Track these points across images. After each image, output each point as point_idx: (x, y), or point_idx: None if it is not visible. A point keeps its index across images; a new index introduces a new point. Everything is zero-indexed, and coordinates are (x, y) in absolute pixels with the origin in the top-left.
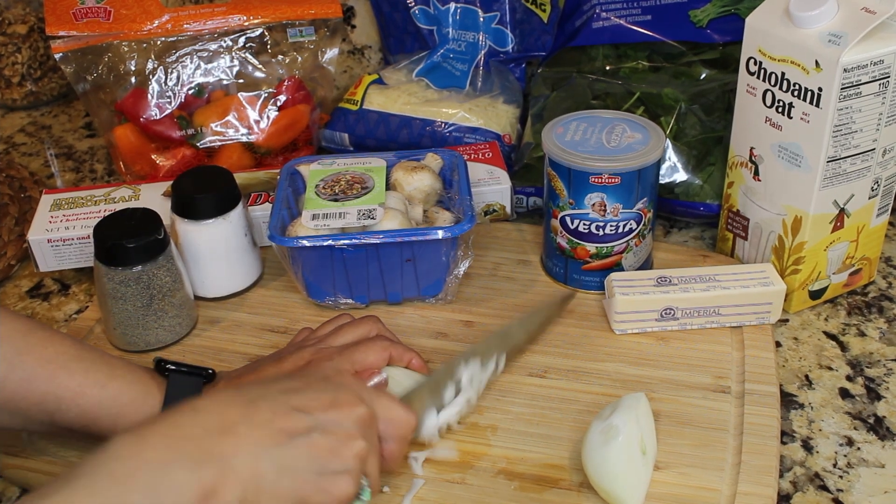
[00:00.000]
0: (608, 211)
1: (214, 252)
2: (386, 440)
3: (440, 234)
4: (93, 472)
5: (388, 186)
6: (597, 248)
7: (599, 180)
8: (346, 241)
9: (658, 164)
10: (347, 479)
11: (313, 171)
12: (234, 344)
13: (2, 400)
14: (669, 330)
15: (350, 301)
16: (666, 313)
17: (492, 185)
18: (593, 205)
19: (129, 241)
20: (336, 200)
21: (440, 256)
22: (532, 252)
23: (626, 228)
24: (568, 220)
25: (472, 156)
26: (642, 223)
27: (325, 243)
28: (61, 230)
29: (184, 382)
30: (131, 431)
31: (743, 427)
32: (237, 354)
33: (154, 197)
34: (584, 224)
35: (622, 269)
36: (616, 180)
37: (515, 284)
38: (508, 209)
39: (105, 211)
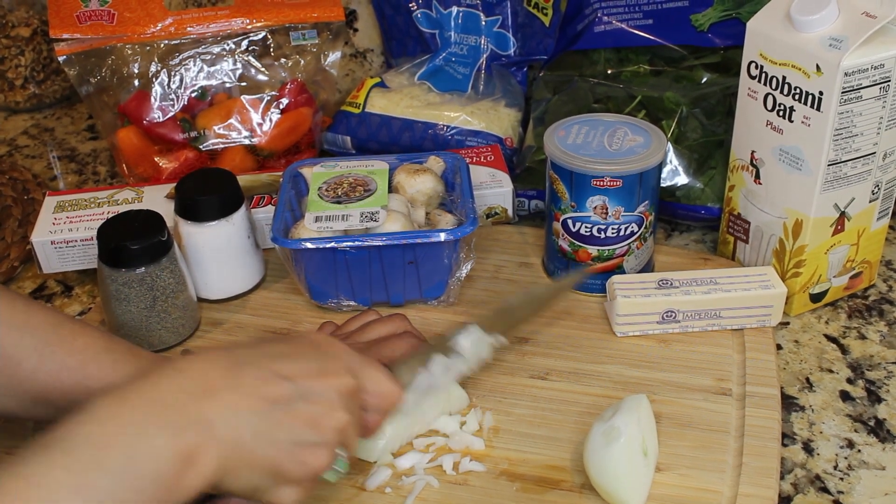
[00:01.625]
0: (610, 214)
1: (217, 254)
2: (369, 411)
3: (442, 236)
4: (71, 436)
5: (391, 189)
6: (598, 250)
7: (601, 183)
8: (349, 244)
9: (660, 167)
10: (324, 450)
11: (316, 173)
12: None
13: (34, 390)
14: (671, 332)
15: (352, 303)
16: (667, 316)
17: (493, 187)
18: (595, 208)
19: (132, 242)
20: (339, 203)
21: (442, 259)
22: (534, 255)
23: (628, 231)
24: (570, 222)
25: (474, 159)
26: (644, 226)
27: (328, 245)
28: (65, 232)
29: None
30: (111, 393)
31: (744, 429)
32: None
33: (157, 199)
34: (586, 227)
35: (624, 272)
36: (618, 183)
37: (517, 287)
38: (510, 212)
39: (108, 213)
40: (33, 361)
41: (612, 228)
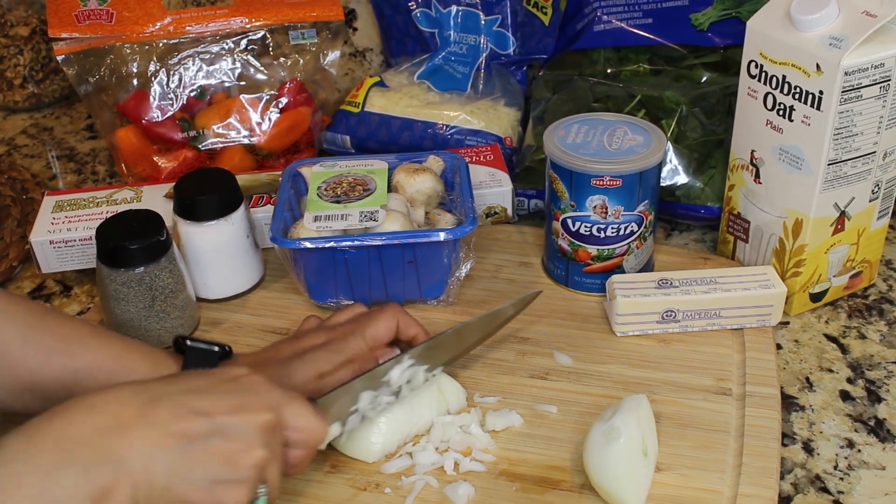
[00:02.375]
0: (609, 213)
1: (216, 254)
2: (292, 447)
3: (442, 235)
4: None
5: (390, 188)
6: (598, 250)
7: (601, 183)
8: (348, 243)
9: (659, 166)
10: (241, 488)
11: (315, 172)
12: (236, 346)
13: (23, 378)
14: (671, 332)
15: (352, 303)
16: (667, 315)
17: (493, 187)
18: (595, 207)
19: (131, 242)
20: (338, 202)
21: (442, 258)
22: (533, 254)
23: (628, 231)
24: (569, 222)
25: (474, 158)
26: (643, 225)
27: (328, 245)
28: (63, 232)
29: (200, 357)
30: (20, 432)
31: (744, 429)
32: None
33: (156, 198)
34: (586, 226)
35: (623, 272)
36: (617, 183)
37: (517, 286)
38: (510, 211)
39: (107, 212)
40: (20, 348)
41: (612, 228)
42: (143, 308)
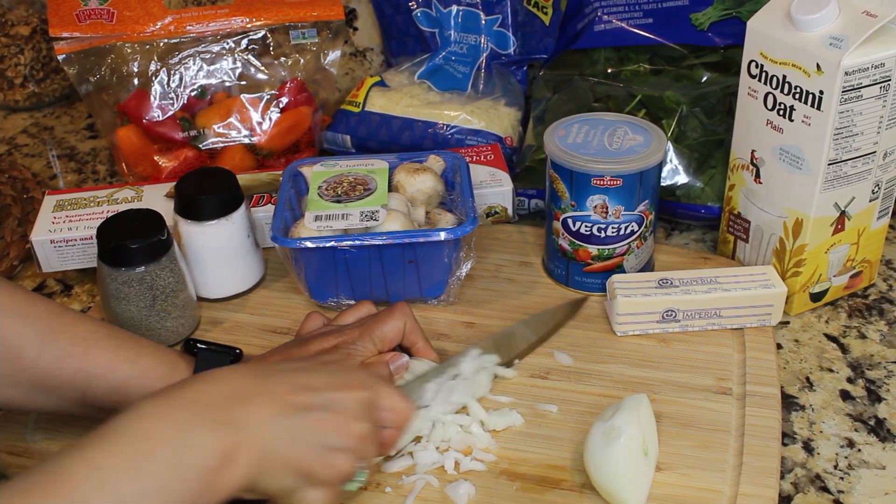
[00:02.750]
0: (610, 213)
1: (217, 253)
2: (384, 427)
3: (442, 235)
4: (123, 429)
5: (391, 188)
6: (598, 250)
7: (601, 182)
8: (349, 243)
9: (660, 166)
10: (349, 456)
11: (316, 172)
12: (236, 345)
13: (36, 378)
14: (671, 332)
15: (352, 302)
16: (667, 315)
17: (493, 187)
18: (595, 207)
19: (132, 241)
20: (339, 202)
21: (442, 258)
22: (534, 254)
23: (628, 230)
24: (570, 222)
25: (474, 158)
26: (644, 225)
27: (328, 244)
28: (64, 231)
29: (212, 360)
30: (158, 395)
31: (744, 429)
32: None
33: (157, 198)
34: (586, 226)
35: (624, 272)
36: (618, 182)
37: (517, 286)
38: (510, 211)
39: (108, 212)
40: (35, 349)
41: (613, 227)
42: (143, 307)
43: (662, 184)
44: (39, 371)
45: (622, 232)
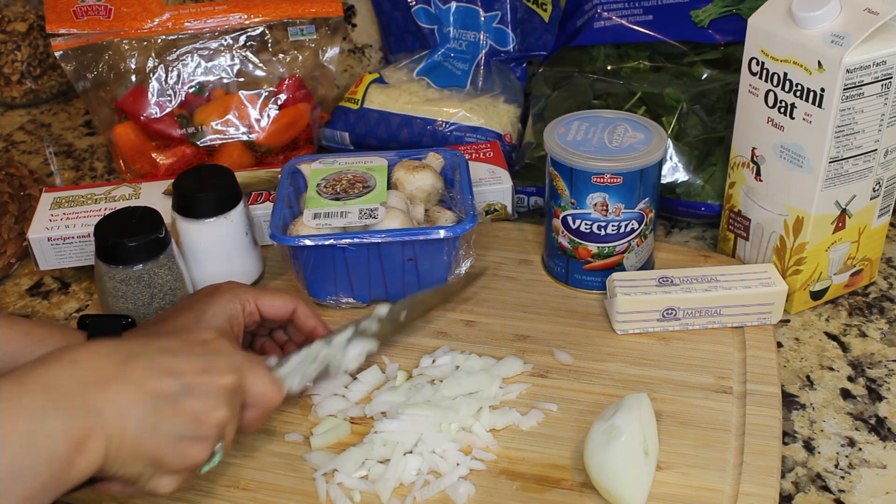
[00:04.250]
0: (610, 211)
1: (215, 251)
2: (249, 408)
3: (442, 233)
4: None
5: (390, 185)
6: (598, 247)
7: (601, 180)
8: (348, 240)
9: (660, 163)
10: (204, 445)
11: (314, 169)
12: None
13: None
14: (671, 330)
15: (351, 300)
16: (668, 313)
17: (493, 184)
18: (595, 205)
19: (130, 239)
20: (338, 199)
21: (442, 256)
22: (533, 252)
23: (628, 228)
24: (570, 219)
25: (474, 155)
26: (644, 223)
27: (327, 242)
28: (61, 228)
29: (103, 329)
30: (11, 377)
31: (745, 427)
32: None
33: (155, 195)
34: (586, 224)
35: (624, 269)
36: (618, 180)
37: (517, 284)
38: (509, 209)
39: (106, 209)
40: None
41: (613, 225)
42: (141, 305)
43: (662, 181)
44: None
45: (622, 230)
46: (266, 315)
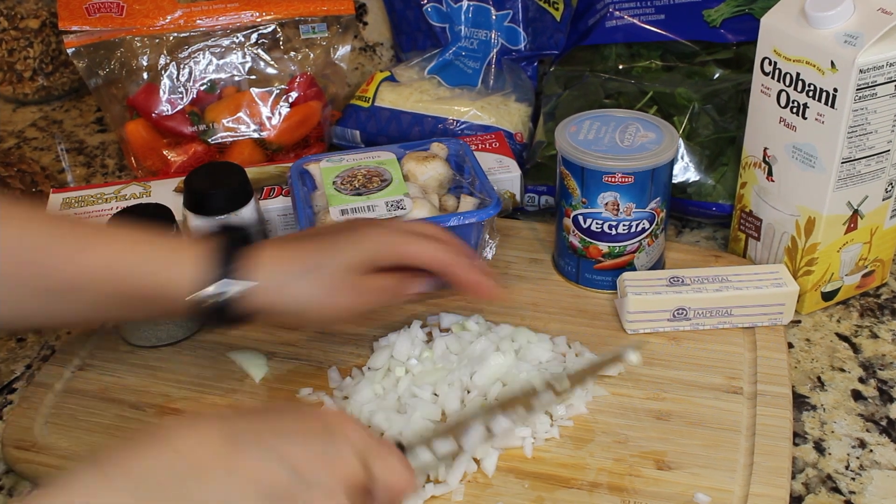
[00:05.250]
0: (621, 210)
1: None
2: (377, 499)
3: (475, 217)
4: None
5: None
6: (609, 247)
7: (613, 179)
8: None
9: (671, 163)
10: None
11: (325, 168)
12: (244, 340)
13: (47, 284)
14: (682, 330)
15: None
16: (678, 313)
17: (501, 173)
18: (606, 204)
19: None
20: (360, 195)
21: (470, 240)
22: (544, 251)
23: (639, 228)
24: (580, 218)
25: (480, 146)
26: (655, 223)
27: None
28: None
29: (232, 239)
30: (96, 465)
31: (755, 428)
32: (248, 350)
33: (165, 193)
34: (597, 223)
35: (634, 269)
36: (629, 179)
37: (527, 283)
38: (518, 197)
39: (116, 208)
40: (40, 254)
41: (623, 225)
42: None
43: (674, 181)
44: (47, 274)
45: (633, 229)
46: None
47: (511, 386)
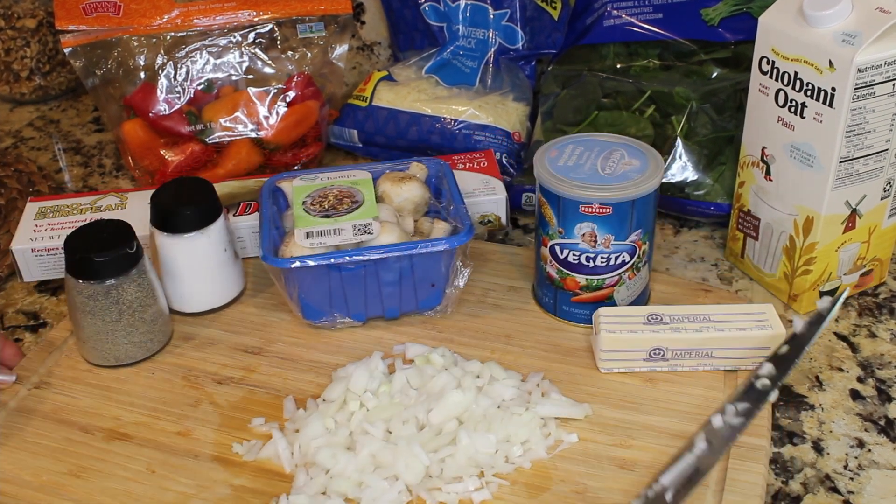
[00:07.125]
0: (599, 242)
1: (193, 266)
2: None
3: (443, 245)
4: None
5: (376, 199)
6: (587, 279)
7: (590, 210)
8: (349, 259)
9: (655, 194)
10: None
11: (297, 187)
12: (204, 363)
13: None
14: (659, 371)
15: (347, 320)
16: (655, 353)
17: (487, 195)
18: (583, 235)
19: (98, 254)
20: (328, 217)
21: (440, 268)
22: (523, 279)
23: (619, 261)
24: (557, 249)
25: (467, 165)
26: (636, 255)
27: (328, 262)
28: (45, 239)
29: None
30: None
31: (724, 483)
32: (206, 374)
33: (141, 205)
34: (574, 254)
35: (614, 303)
36: (607, 210)
37: (502, 313)
38: (504, 219)
39: (90, 219)
40: None
41: (602, 257)
42: (110, 321)
43: (672, 180)
44: None
45: (612, 262)
46: None
47: (468, 424)
